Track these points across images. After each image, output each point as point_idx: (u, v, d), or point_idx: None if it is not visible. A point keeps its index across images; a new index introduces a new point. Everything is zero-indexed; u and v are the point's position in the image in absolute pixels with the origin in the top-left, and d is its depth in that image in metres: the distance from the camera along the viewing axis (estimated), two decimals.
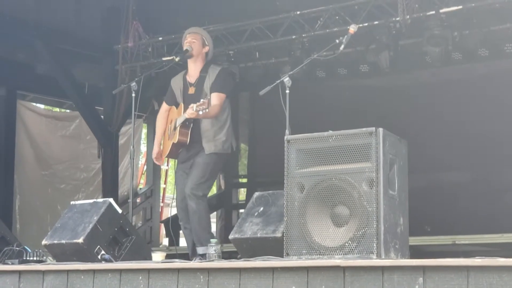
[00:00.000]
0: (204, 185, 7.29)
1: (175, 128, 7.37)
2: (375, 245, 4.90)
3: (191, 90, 7.43)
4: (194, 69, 7.52)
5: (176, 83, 7.63)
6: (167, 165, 14.10)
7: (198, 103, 6.97)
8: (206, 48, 7.56)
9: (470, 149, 9.88)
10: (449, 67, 9.88)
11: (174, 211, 15.22)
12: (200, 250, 7.06)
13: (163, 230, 13.63)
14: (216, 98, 7.25)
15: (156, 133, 7.81)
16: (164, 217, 13.54)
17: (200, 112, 6.96)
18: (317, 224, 5.13)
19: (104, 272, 5.62)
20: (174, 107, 7.60)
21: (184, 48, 7.52)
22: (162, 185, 14.24)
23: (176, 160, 7.61)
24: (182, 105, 7.40)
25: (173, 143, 7.37)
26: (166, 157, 7.71)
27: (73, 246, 6.35)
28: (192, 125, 7.30)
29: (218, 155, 7.33)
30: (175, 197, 7.50)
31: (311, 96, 10.78)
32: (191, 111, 7.00)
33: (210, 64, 7.58)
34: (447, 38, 9.09)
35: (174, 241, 9.29)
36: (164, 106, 7.73)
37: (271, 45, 10.35)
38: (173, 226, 10.45)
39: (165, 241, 13.63)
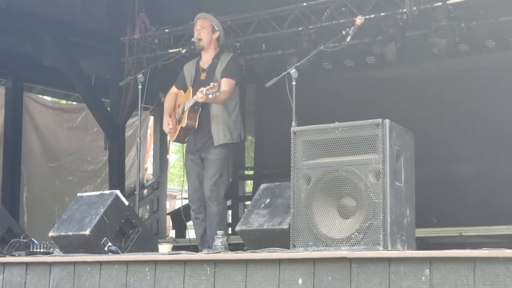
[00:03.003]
0: (223, 182, 7.30)
1: (183, 112, 7.36)
2: (381, 237, 4.89)
3: (203, 76, 7.43)
4: (207, 57, 7.54)
5: (188, 69, 7.64)
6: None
7: (208, 87, 6.97)
8: (216, 34, 7.56)
9: (477, 140, 9.86)
10: (456, 58, 9.86)
11: (179, 203, 15.35)
12: None
13: (169, 223, 13.65)
14: (226, 84, 7.25)
15: (165, 109, 7.73)
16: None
17: (210, 96, 6.95)
18: (324, 215, 5.12)
19: (111, 263, 5.63)
20: (182, 91, 7.60)
21: (192, 39, 7.52)
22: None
23: (184, 151, 7.62)
24: (191, 89, 7.39)
25: (181, 127, 7.37)
26: (173, 141, 7.70)
27: (79, 238, 6.35)
28: (201, 109, 7.29)
29: (227, 146, 7.31)
30: (184, 188, 7.50)
31: (318, 88, 10.76)
32: (200, 95, 6.99)
33: (223, 51, 7.60)
34: (454, 29, 9.08)
35: (183, 233, 9.29)
36: (173, 89, 7.73)
37: (278, 37, 10.35)
38: (180, 218, 10.49)
39: (172, 233, 13.65)
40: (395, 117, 5.24)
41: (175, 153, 20.65)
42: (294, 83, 6.58)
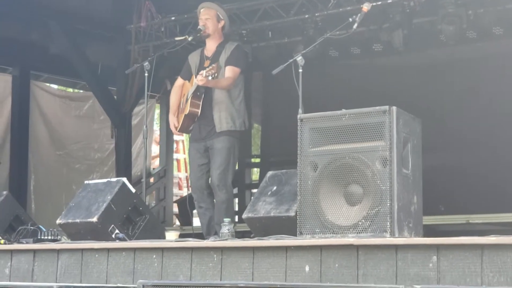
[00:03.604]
0: (230, 170, 7.30)
1: (187, 101, 7.36)
2: (388, 224, 4.89)
3: (207, 63, 7.41)
4: (212, 45, 7.53)
5: (193, 58, 7.63)
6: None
7: (207, 69, 6.97)
8: (222, 23, 7.55)
9: (485, 127, 9.83)
10: (463, 45, 9.83)
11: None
12: None
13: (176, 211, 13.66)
14: (230, 71, 7.25)
15: (170, 107, 7.74)
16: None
17: (210, 78, 6.95)
18: (331, 203, 5.12)
19: (118, 250, 5.65)
20: (187, 82, 7.59)
21: (199, 27, 7.51)
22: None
23: (188, 140, 7.62)
24: (194, 77, 7.38)
25: (184, 115, 7.35)
26: (178, 131, 7.70)
27: (87, 225, 6.37)
28: (204, 96, 7.28)
29: (232, 134, 7.30)
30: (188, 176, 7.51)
31: (324, 75, 10.74)
32: (200, 77, 6.99)
33: (228, 41, 7.60)
34: (462, 16, 9.04)
35: (189, 221, 9.30)
36: (179, 80, 7.71)
37: (284, 25, 10.32)
38: (186, 206, 10.48)
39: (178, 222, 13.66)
40: (402, 104, 5.23)
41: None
42: (300, 70, 6.56)
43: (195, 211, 8.36)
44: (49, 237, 6.64)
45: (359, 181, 5.06)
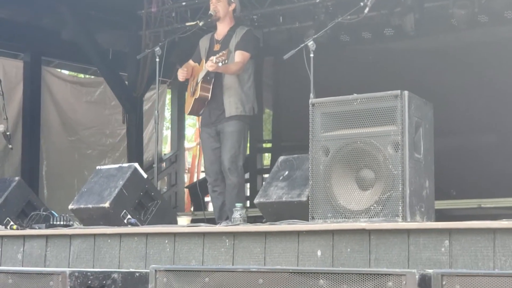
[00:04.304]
0: (240, 153, 7.32)
1: (197, 84, 7.37)
2: (400, 208, 4.88)
3: (217, 47, 7.43)
4: (222, 28, 7.54)
5: (203, 42, 7.66)
6: None
7: (217, 55, 6.98)
8: (233, 6, 7.55)
9: (497, 111, 9.81)
10: (475, 29, 9.79)
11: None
12: None
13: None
14: (239, 56, 7.27)
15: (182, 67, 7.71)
16: None
17: (220, 64, 6.96)
18: (342, 187, 5.12)
19: (131, 236, 5.67)
20: (197, 64, 7.61)
21: (209, 12, 7.51)
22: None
23: (200, 124, 7.64)
24: (204, 61, 7.39)
25: (195, 99, 7.38)
26: (188, 114, 7.71)
27: (99, 210, 6.39)
28: (214, 80, 7.29)
29: (241, 119, 7.31)
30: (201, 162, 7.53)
31: (336, 60, 10.73)
32: (210, 63, 7.01)
33: (239, 25, 7.60)
34: (473, 0, 9.00)
35: (201, 206, 9.32)
36: (190, 62, 7.73)
37: (295, 9, 10.30)
38: (196, 192, 10.50)
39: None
40: (414, 89, 5.21)
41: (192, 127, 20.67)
42: (312, 55, 6.56)
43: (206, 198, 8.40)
44: (62, 223, 6.67)
45: (371, 166, 5.05)
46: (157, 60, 7.65)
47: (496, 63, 9.90)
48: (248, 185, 12.06)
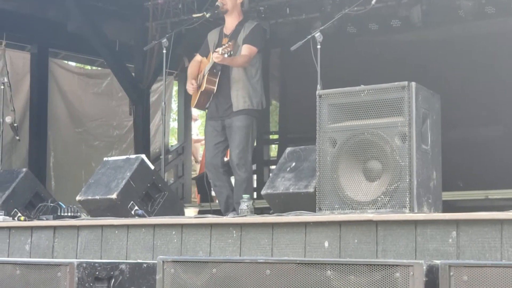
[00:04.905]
0: (249, 149, 7.30)
1: (203, 77, 7.36)
2: (407, 200, 4.89)
3: (225, 41, 7.41)
4: (231, 22, 7.52)
5: (212, 36, 7.64)
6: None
7: (223, 46, 6.97)
8: None
9: (504, 103, 9.78)
10: (482, 21, 9.76)
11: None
12: None
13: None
14: (246, 49, 7.25)
15: (188, 76, 7.70)
16: None
17: (226, 55, 6.95)
18: (350, 178, 5.12)
19: (138, 227, 5.68)
20: (205, 59, 7.60)
21: (216, 3, 7.50)
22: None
23: (205, 116, 7.63)
24: (211, 54, 7.38)
25: (200, 92, 7.37)
26: (194, 107, 7.69)
27: (107, 202, 6.40)
28: (221, 74, 7.28)
29: (250, 113, 7.28)
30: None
31: (343, 51, 10.70)
32: (216, 55, 7.00)
33: (247, 19, 7.59)
34: None
35: (207, 198, 9.31)
36: (197, 57, 7.72)
37: (302, 1, 10.28)
38: (204, 183, 10.49)
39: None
40: (421, 80, 5.20)
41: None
42: (319, 46, 6.55)
43: None
44: (69, 214, 6.69)
45: (378, 157, 5.05)
46: (164, 51, 7.65)
47: (504, 54, 9.87)
48: (255, 176, 12.06)
